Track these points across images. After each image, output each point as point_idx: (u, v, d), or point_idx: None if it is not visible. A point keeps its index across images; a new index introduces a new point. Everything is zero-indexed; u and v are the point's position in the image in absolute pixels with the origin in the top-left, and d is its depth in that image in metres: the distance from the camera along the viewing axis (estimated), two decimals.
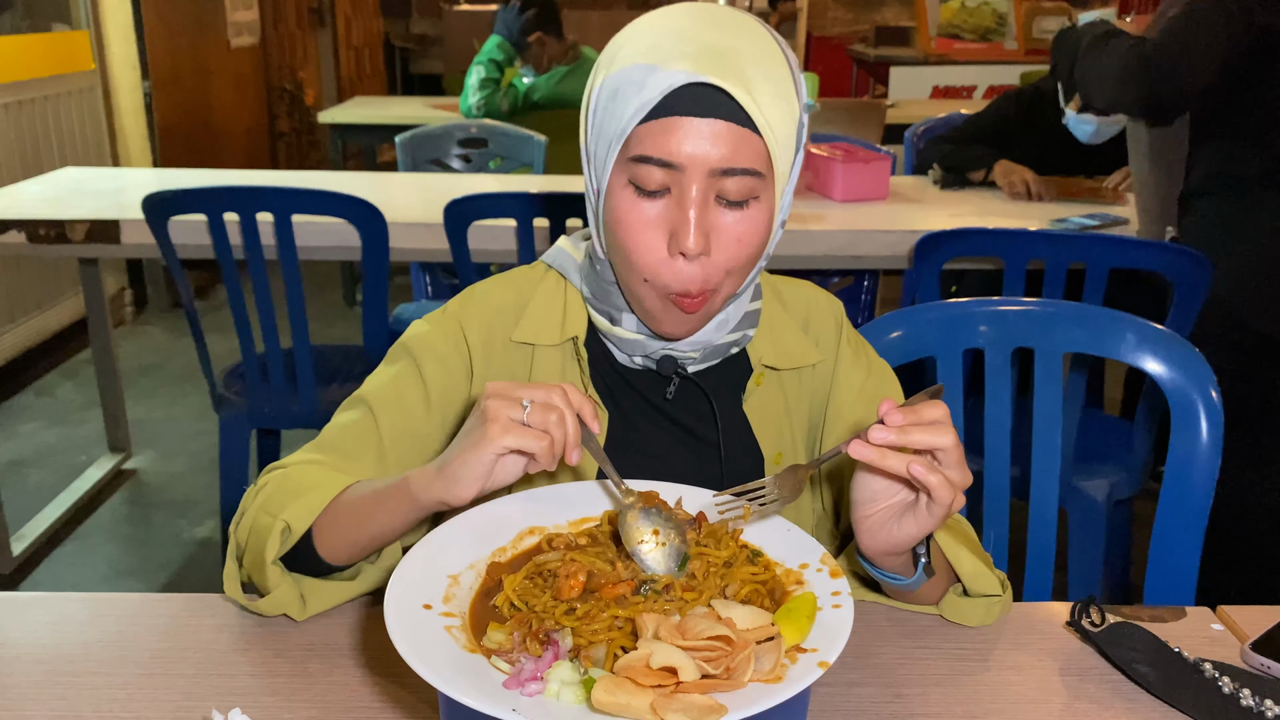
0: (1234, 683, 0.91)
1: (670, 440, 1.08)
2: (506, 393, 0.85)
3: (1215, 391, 1.31)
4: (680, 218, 0.92)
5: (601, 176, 0.96)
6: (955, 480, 0.85)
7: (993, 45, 6.85)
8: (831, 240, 2.56)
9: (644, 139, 0.91)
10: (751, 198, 0.93)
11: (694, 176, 0.91)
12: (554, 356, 1.07)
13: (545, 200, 2.36)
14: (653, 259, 0.94)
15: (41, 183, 2.97)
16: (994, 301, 1.47)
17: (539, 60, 4.04)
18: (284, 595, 0.98)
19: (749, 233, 0.94)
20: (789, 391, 1.11)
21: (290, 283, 2.32)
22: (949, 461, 0.85)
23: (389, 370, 1.08)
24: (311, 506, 0.95)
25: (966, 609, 1.02)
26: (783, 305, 1.11)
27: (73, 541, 2.97)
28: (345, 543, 0.96)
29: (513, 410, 0.84)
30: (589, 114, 0.97)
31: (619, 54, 0.94)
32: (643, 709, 0.67)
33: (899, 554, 0.93)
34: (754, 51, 0.91)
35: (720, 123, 0.89)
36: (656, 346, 1.03)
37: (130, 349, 4.43)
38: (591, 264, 1.05)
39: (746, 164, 0.91)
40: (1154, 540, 1.33)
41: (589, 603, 0.80)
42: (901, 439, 0.83)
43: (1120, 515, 2.18)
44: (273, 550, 0.96)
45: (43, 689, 0.91)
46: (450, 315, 1.08)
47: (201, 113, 5.41)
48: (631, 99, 0.91)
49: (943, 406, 0.86)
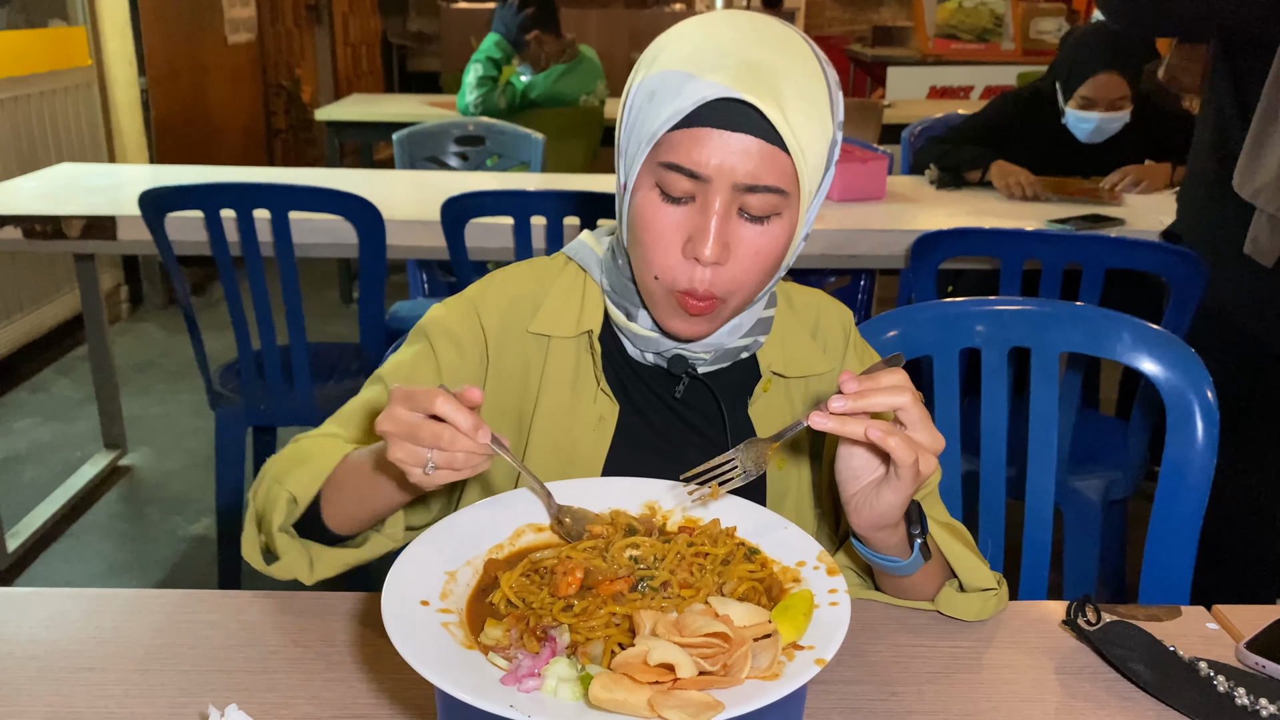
0: (1229, 682, 0.91)
1: (677, 437, 1.09)
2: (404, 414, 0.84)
3: (1211, 392, 1.31)
4: (701, 226, 0.92)
5: (630, 173, 0.97)
6: (921, 441, 0.87)
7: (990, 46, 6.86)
8: (828, 240, 2.56)
9: (674, 146, 0.92)
10: (774, 214, 0.94)
11: (719, 189, 0.91)
12: (569, 348, 1.08)
13: (543, 198, 2.36)
14: (668, 259, 0.95)
15: (38, 179, 2.96)
16: (991, 301, 1.47)
17: (537, 58, 4.04)
18: (292, 561, 1.00)
19: (767, 248, 0.95)
20: (795, 398, 1.12)
21: (287, 280, 2.31)
22: (911, 422, 0.87)
23: (407, 351, 1.10)
24: (315, 474, 0.97)
25: (962, 604, 1.03)
26: (794, 312, 1.13)
27: (68, 538, 2.96)
28: (346, 514, 0.97)
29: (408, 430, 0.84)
30: (625, 110, 0.98)
31: (660, 55, 0.94)
32: (640, 706, 0.67)
33: (886, 528, 0.93)
34: (793, 69, 0.91)
35: (750, 138, 0.90)
36: (669, 345, 1.04)
37: (126, 345, 4.42)
38: (614, 258, 1.06)
39: (772, 182, 0.91)
40: (1149, 540, 1.33)
41: (586, 599, 0.80)
42: (858, 404, 0.85)
43: (1115, 515, 2.18)
44: (279, 518, 0.97)
45: (38, 685, 0.91)
46: (468, 300, 1.10)
47: (198, 109, 5.40)
48: (666, 104, 0.91)
49: (900, 373, 0.87)
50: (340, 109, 4.92)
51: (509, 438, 1.09)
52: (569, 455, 1.07)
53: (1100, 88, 2.84)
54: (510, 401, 1.09)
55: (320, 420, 1.12)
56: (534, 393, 1.08)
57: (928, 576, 1.02)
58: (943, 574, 1.05)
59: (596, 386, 1.07)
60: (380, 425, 0.84)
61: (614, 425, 1.07)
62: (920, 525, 0.96)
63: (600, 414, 1.07)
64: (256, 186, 2.27)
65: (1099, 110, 2.86)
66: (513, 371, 1.08)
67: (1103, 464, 2.14)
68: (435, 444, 0.82)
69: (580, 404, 1.07)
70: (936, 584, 1.04)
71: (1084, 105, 2.87)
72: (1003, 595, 1.05)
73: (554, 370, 1.07)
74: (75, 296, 3.88)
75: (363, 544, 1.02)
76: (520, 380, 1.09)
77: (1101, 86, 2.83)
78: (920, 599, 1.06)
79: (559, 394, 1.07)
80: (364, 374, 1.08)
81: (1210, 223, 2.08)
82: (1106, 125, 2.88)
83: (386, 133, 3.83)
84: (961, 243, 2.21)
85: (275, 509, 0.97)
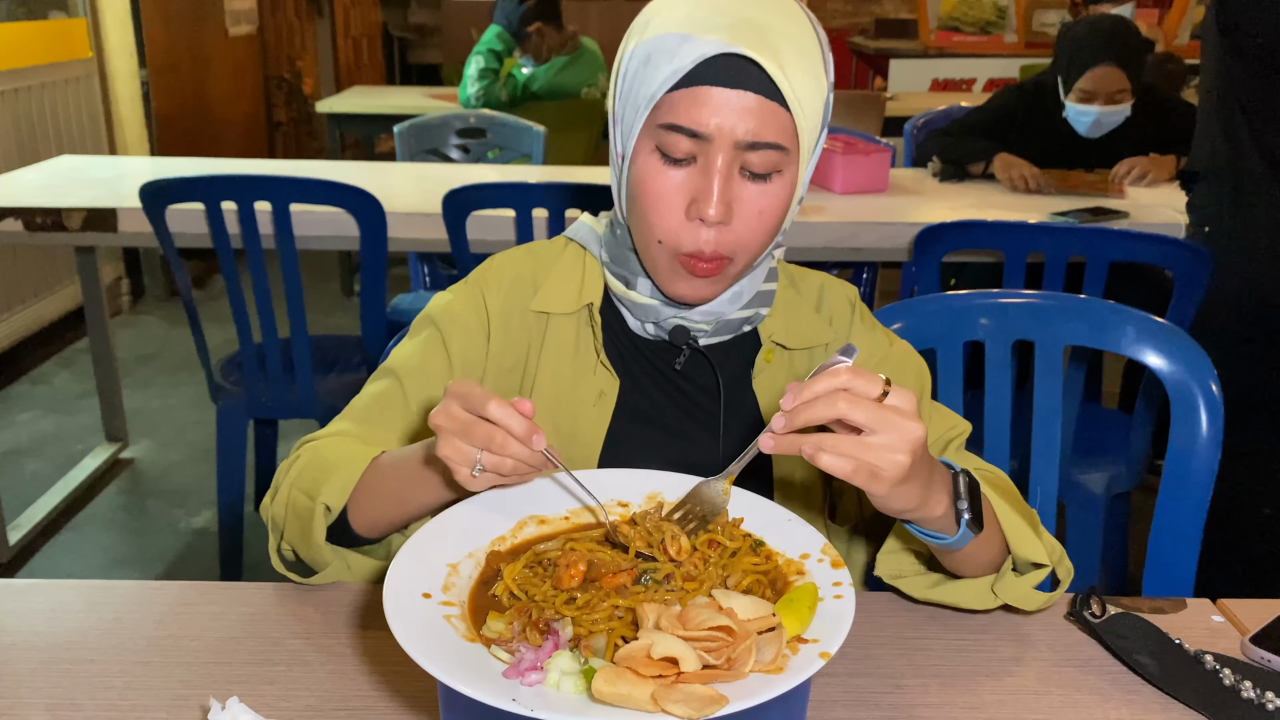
0: (1235, 675, 0.91)
1: (677, 410, 1.08)
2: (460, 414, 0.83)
3: (1215, 384, 1.31)
4: (704, 186, 0.92)
5: (628, 141, 0.96)
6: (877, 443, 0.78)
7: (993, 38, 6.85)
8: (831, 232, 2.56)
9: (674, 107, 0.91)
10: (775, 171, 0.93)
11: (720, 147, 0.91)
12: (569, 324, 1.08)
13: (544, 190, 2.36)
14: (672, 222, 0.94)
15: (38, 171, 2.95)
16: (995, 294, 1.47)
17: (538, 50, 4.03)
18: (335, 571, 1.01)
19: (770, 206, 0.94)
20: (800, 372, 1.10)
21: (288, 272, 2.31)
22: (865, 424, 0.77)
23: (414, 341, 1.10)
24: (346, 482, 0.96)
25: (1018, 590, 0.97)
26: (796, 289, 1.12)
27: (69, 531, 2.96)
28: (378, 517, 0.97)
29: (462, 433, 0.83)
30: (619, 79, 0.97)
31: (653, 20, 0.94)
32: (643, 699, 0.67)
33: (905, 512, 0.86)
34: (787, 26, 0.91)
35: (750, 95, 0.90)
36: (669, 314, 1.03)
37: (127, 338, 4.42)
38: (612, 230, 1.06)
39: (773, 138, 0.91)
40: (1153, 532, 1.33)
41: (589, 592, 0.79)
42: (794, 421, 0.79)
43: (1118, 509, 2.18)
44: (320, 532, 0.96)
45: (39, 677, 0.91)
46: (471, 283, 1.10)
47: (199, 101, 5.39)
48: (663, 66, 0.91)
49: (843, 372, 0.79)
50: (341, 101, 4.91)
51: None
52: (569, 432, 1.06)
53: (1099, 81, 2.82)
54: (511, 382, 1.08)
55: (321, 413, 1.11)
56: (534, 371, 1.07)
57: (986, 545, 0.95)
58: (1002, 538, 0.97)
59: (596, 360, 1.07)
60: (434, 419, 0.83)
61: (614, 400, 1.06)
62: (970, 499, 0.88)
63: (601, 389, 1.06)
64: (258, 179, 2.27)
65: (1098, 104, 2.85)
66: (514, 351, 1.08)
67: (1106, 458, 2.14)
68: (487, 445, 0.81)
69: (580, 380, 1.07)
70: (998, 549, 0.97)
71: (1083, 98, 2.86)
72: (1066, 567, 0.99)
73: (554, 347, 1.07)
74: (76, 289, 3.88)
75: (387, 548, 1.03)
76: (521, 360, 1.08)
77: (1100, 80, 2.82)
78: (985, 570, 0.99)
79: (559, 370, 1.07)
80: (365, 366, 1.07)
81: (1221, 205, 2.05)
82: (1106, 119, 2.87)
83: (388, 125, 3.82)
84: (965, 236, 2.21)
85: (312, 523, 0.96)
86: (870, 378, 0.79)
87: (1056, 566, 1.00)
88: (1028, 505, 1.03)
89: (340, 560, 1.01)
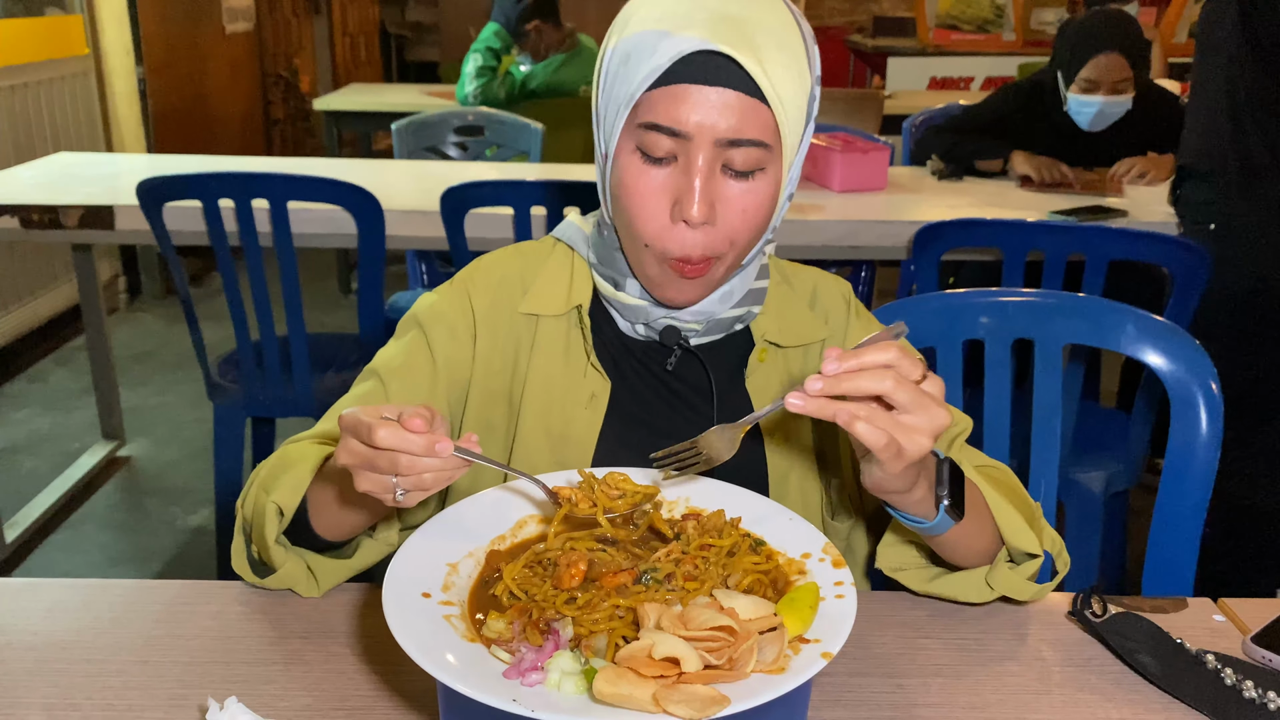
0: (1237, 675, 0.91)
1: (670, 411, 1.07)
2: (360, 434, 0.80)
3: (1215, 383, 1.31)
4: (685, 186, 0.91)
5: (610, 140, 0.95)
6: (910, 423, 0.78)
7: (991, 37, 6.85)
8: (829, 231, 2.55)
9: (653, 105, 0.90)
10: (758, 169, 0.92)
11: (701, 145, 0.90)
12: (558, 326, 1.07)
13: (542, 188, 2.35)
14: (656, 225, 0.94)
15: (35, 168, 2.95)
16: (994, 292, 1.47)
17: (536, 48, 4.02)
18: (289, 572, 0.98)
19: (754, 204, 0.93)
20: (794, 370, 1.10)
21: (285, 270, 2.30)
22: (900, 404, 0.78)
23: (399, 342, 1.09)
24: (297, 483, 0.94)
25: (1013, 581, 0.98)
26: (790, 286, 1.11)
27: (66, 529, 2.96)
28: (335, 521, 0.96)
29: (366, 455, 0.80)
30: (600, 77, 0.97)
31: (633, 17, 0.93)
32: (644, 700, 0.66)
33: (894, 494, 0.87)
34: (768, 21, 0.90)
35: (729, 92, 0.89)
36: (659, 314, 1.02)
37: (124, 336, 4.41)
38: (599, 230, 1.05)
39: (754, 135, 0.90)
40: (1153, 531, 1.33)
41: (590, 592, 0.79)
42: (835, 387, 0.77)
43: (1117, 507, 2.18)
44: (272, 531, 0.95)
45: (36, 676, 0.90)
46: (458, 284, 1.09)
47: (196, 99, 5.38)
48: (642, 64, 0.90)
49: (892, 348, 0.78)
50: (339, 99, 4.90)
51: (500, 421, 1.07)
52: (561, 435, 1.05)
53: (1103, 69, 2.81)
54: (500, 384, 1.07)
55: (319, 411, 1.11)
56: (524, 373, 1.06)
57: (975, 533, 0.95)
58: (994, 527, 0.97)
59: (587, 362, 1.06)
60: (339, 460, 0.82)
61: (606, 402, 1.06)
62: (950, 486, 0.88)
63: (592, 391, 1.05)
64: (255, 176, 2.26)
65: (1101, 93, 2.83)
66: (503, 353, 1.07)
67: (1104, 456, 2.14)
68: (394, 471, 0.78)
69: (571, 382, 1.06)
70: (990, 538, 0.97)
71: (1086, 89, 2.84)
72: (1064, 560, 1.00)
73: (544, 349, 1.06)
74: (73, 287, 3.87)
75: (354, 550, 1.01)
76: (510, 362, 1.07)
77: (1104, 68, 2.81)
78: (979, 559, 0.99)
79: (550, 373, 1.06)
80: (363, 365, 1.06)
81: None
82: (1109, 109, 2.86)
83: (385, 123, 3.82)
84: (964, 234, 2.21)
85: (266, 520, 0.95)
86: (914, 360, 0.79)
87: (1055, 558, 1.00)
88: (1030, 498, 1.03)
89: (297, 564, 0.99)
